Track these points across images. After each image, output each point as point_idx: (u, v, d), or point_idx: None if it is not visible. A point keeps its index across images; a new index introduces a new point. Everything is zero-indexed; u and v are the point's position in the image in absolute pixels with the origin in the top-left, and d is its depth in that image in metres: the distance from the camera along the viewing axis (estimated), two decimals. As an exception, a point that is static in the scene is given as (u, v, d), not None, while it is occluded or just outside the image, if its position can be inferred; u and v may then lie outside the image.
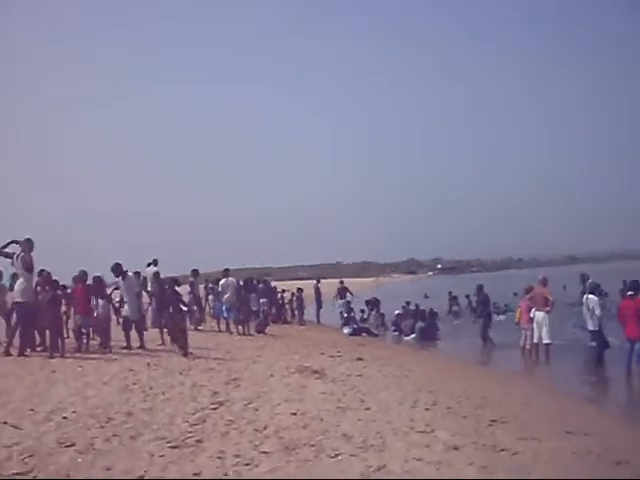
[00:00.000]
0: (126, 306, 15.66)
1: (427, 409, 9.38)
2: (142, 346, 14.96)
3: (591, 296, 16.01)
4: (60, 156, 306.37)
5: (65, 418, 7.78)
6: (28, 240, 13.30)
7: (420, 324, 24.47)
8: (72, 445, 6.67)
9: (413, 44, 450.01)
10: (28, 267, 13.14)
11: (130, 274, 15.96)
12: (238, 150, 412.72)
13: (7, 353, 12.88)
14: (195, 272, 22.74)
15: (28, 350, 13.32)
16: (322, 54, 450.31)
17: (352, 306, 28.79)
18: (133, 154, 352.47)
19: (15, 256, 13.34)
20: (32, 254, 13.25)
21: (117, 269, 15.36)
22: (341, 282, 31.08)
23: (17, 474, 5.74)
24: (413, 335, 24.35)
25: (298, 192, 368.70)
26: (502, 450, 7.14)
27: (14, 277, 13.91)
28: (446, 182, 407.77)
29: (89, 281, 14.86)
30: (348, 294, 29.91)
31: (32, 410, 8.11)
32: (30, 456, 6.24)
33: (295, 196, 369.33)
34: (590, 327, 16.04)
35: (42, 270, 14.14)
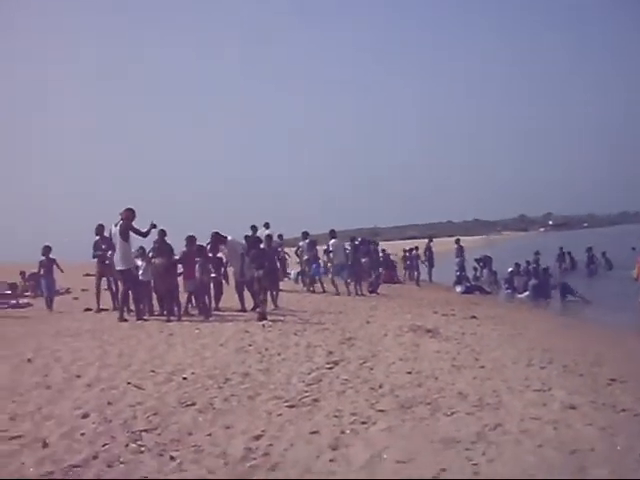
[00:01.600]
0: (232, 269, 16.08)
1: (542, 367, 9.20)
2: (256, 307, 15.15)
3: None
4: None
5: (185, 379, 8.05)
6: (129, 210, 13.67)
7: (533, 281, 24.00)
8: (193, 405, 6.91)
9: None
10: (124, 235, 13.57)
11: (230, 238, 16.30)
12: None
13: (122, 319, 13.40)
14: (306, 234, 22.98)
15: (147, 314, 13.80)
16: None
17: (465, 264, 28.50)
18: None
19: (114, 224, 13.76)
20: (133, 223, 13.68)
21: (218, 239, 15.83)
22: (457, 241, 30.03)
23: (143, 431, 5.98)
24: (526, 293, 23.92)
25: (407, 157, 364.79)
26: (622, 411, 6.88)
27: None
28: (554, 135, 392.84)
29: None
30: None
31: (153, 372, 8.44)
32: (154, 414, 6.51)
33: (404, 160, 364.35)
34: None
35: (162, 231, 14.48)
